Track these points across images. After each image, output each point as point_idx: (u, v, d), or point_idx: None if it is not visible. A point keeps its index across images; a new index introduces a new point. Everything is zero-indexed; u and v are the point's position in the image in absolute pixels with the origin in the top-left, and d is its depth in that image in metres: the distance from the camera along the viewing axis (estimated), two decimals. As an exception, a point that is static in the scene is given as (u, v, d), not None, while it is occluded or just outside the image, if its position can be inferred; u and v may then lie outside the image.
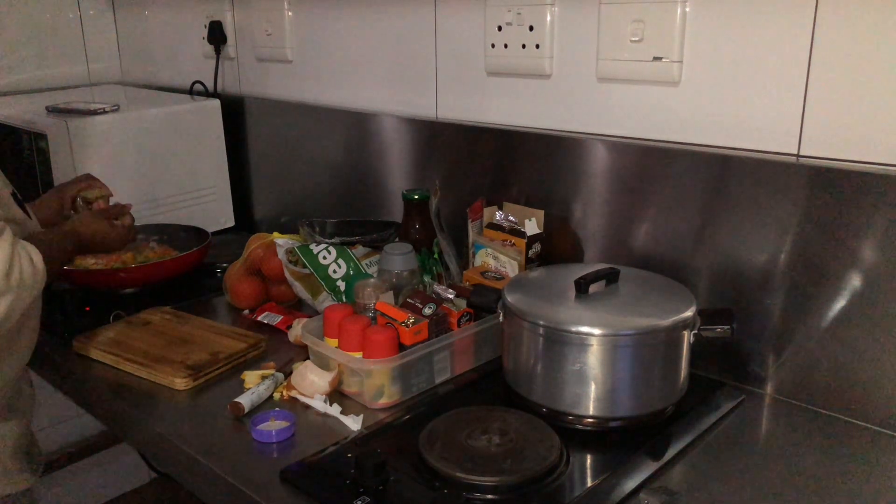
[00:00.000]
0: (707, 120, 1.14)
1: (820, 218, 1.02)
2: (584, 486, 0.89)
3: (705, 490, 0.89)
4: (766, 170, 1.06)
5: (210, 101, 1.84)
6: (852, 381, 1.02)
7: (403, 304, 1.13)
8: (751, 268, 1.09)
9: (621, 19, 1.18)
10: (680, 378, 1.02)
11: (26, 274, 0.99)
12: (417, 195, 1.37)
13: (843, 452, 0.97)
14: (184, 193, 1.79)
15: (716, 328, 1.01)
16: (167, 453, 1.03)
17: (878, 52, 0.97)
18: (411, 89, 1.55)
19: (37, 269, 1.01)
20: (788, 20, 1.03)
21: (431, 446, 0.92)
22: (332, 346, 1.10)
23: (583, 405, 0.98)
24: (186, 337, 1.26)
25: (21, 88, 2.16)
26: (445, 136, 1.47)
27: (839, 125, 1.02)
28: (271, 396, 1.10)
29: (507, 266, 1.26)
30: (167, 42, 2.19)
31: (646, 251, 1.21)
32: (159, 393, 1.13)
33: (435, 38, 1.47)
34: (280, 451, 0.97)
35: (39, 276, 1.02)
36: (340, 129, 1.68)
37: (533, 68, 1.32)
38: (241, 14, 1.91)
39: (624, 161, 1.21)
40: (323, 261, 1.32)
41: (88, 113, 1.64)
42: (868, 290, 0.99)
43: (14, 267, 0.97)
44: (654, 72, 1.17)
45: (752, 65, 1.08)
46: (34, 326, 1.12)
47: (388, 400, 1.07)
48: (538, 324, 0.99)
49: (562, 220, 1.30)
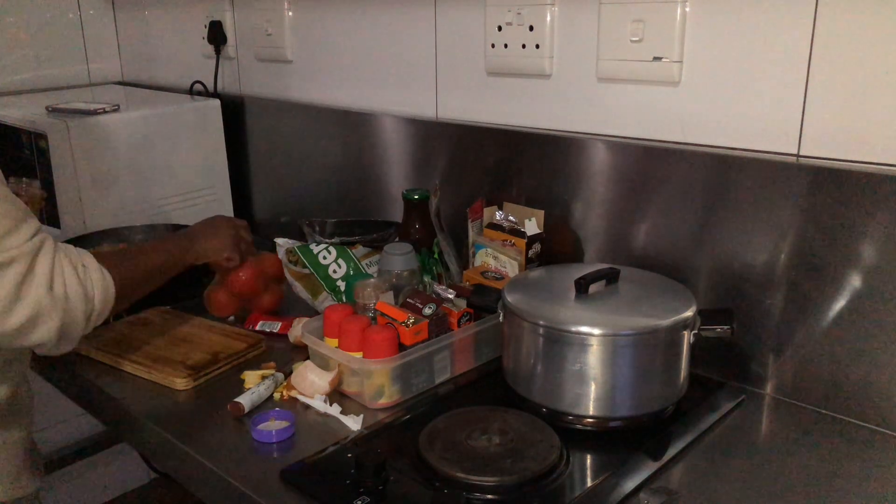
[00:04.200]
0: (707, 120, 1.14)
1: (820, 218, 1.02)
2: (584, 486, 0.89)
3: (705, 490, 0.89)
4: (766, 170, 1.06)
5: (210, 101, 1.84)
6: (852, 381, 1.02)
7: (403, 304, 1.13)
8: (751, 268, 1.09)
9: (621, 19, 1.18)
10: (680, 378, 1.02)
11: (72, 285, 0.94)
12: (417, 195, 1.37)
13: (843, 452, 0.97)
14: (184, 193, 1.79)
15: (716, 328, 1.01)
16: (167, 453, 1.03)
17: (878, 52, 0.97)
18: (411, 89, 1.55)
19: (89, 278, 0.96)
20: (788, 20, 1.03)
21: (431, 446, 0.92)
22: (332, 346, 1.10)
23: (583, 405, 0.98)
24: (186, 337, 1.26)
25: (21, 88, 2.16)
26: (445, 136, 1.47)
27: (839, 125, 1.02)
28: (271, 396, 1.10)
29: (507, 266, 1.27)
30: (167, 42, 2.19)
31: (646, 251, 1.21)
32: (159, 393, 1.13)
33: (435, 38, 1.47)
34: (280, 451, 0.97)
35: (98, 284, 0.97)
36: (340, 129, 1.68)
37: (533, 68, 1.32)
38: (241, 14, 1.91)
39: (624, 161, 1.21)
40: (323, 261, 1.32)
41: (88, 113, 1.64)
42: (868, 290, 0.99)
43: (57, 279, 0.92)
44: (654, 72, 1.17)
45: (752, 65, 1.08)
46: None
47: (388, 400, 1.07)
48: (538, 324, 0.99)
49: (562, 220, 1.30)
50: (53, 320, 0.93)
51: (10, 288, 0.89)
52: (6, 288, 0.89)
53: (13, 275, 0.89)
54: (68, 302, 0.94)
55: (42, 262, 0.92)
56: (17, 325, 0.90)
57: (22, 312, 0.90)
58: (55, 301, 0.92)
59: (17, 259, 0.90)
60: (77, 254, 0.99)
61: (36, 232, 0.94)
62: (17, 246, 0.90)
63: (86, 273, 0.98)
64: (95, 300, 0.98)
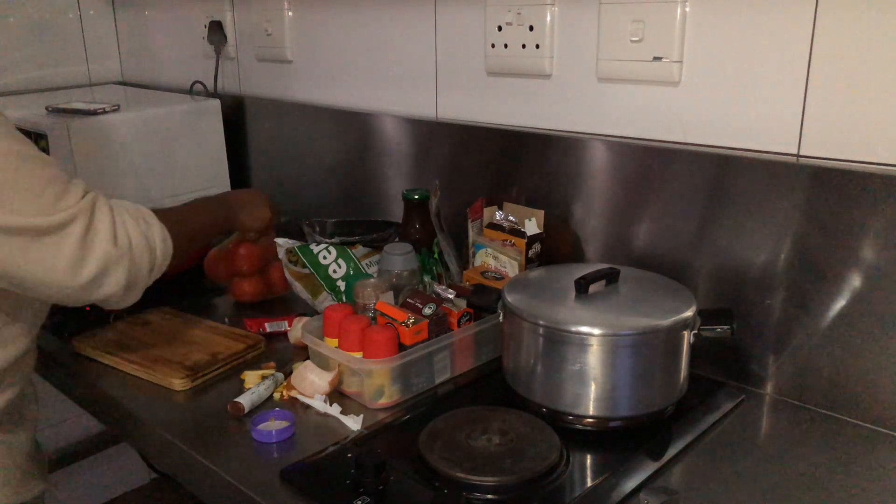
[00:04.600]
0: (707, 120, 1.14)
1: (820, 218, 1.02)
2: (584, 486, 0.89)
3: (705, 490, 0.89)
4: (766, 170, 1.06)
5: (210, 101, 1.84)
6: (852, 381, 1.02)
7: (403, 304, 1.13)
8: (751, 268, 1.09)
9: (621, 19, 1.18)
10: (680, 378, 1.02)
11: (135, 234, 0.98)
12: (417, 195, 1.37)
13: (843, 452, 0.97)
14: (184, 193, 1.79)
15: (716, 328, 1.01)
16: (167, 453, 1.03)
17: (878, 52, 0.97)
18: (411, 89, 1.55)
19: (151, 231, 1.01)
20: (788, 20, 1.03)
21: (431, 446, 0.92)
22: (332, 346, 1.10)
23: (583, 405, 0.98)
24: (186, 337, 1.26)
25: (21, 88, 2.16)
26: (445, 136, 1.47)
27: (839, 125, 1.02)
28: (271, 396, 1.10)
29: (507, 266, 1.27)
30: (167, 42, 2.19)
31: (646, 251, 1.21)
32: (159, 393, 1.13)
33: (435, 38, 1.47)
34: (280, 451, 0.97)
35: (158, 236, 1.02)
36: (340, 129, 1.68)
37: (533, 68, 1.32)
38: (241, 14, 1.91)
39: (624, 161, 1.21)
40: (323, 261, 1.32)
41: (88, 113, 1.64)
42: (868, 290, 0.99)
43: (119, 231, 0.96)
44: (654, 72, 1.17)
45: (752, 65, 1.08)
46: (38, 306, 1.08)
47: (388, 400, 1.07)
48: (538, 324, 0.99)
49: (562, 220, 1.30)
50: (121, 271, 0.96)
51: (75, 245, 0.92)
52: (72, 245, 0.92)
53: (76, 232, 0.92)
54: (133, 252, 0.98)
55: (101, 217, 0.95)
56: (87, 279, 0.94)
57: (90, 267, 0.93)
58: (121, 252, 0.96)
59: (76, 216, 0.92)
60: (135, 208, 1.03)
61: (87, 190, 0.97)
62: (74, 204, 0.92)
63: (148, 227, 1.02)
64: (157, 252, 1.02)
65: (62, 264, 0.91)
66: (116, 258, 0.95)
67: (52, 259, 0.91)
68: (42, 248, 0.90)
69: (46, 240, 0.90)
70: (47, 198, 0.90)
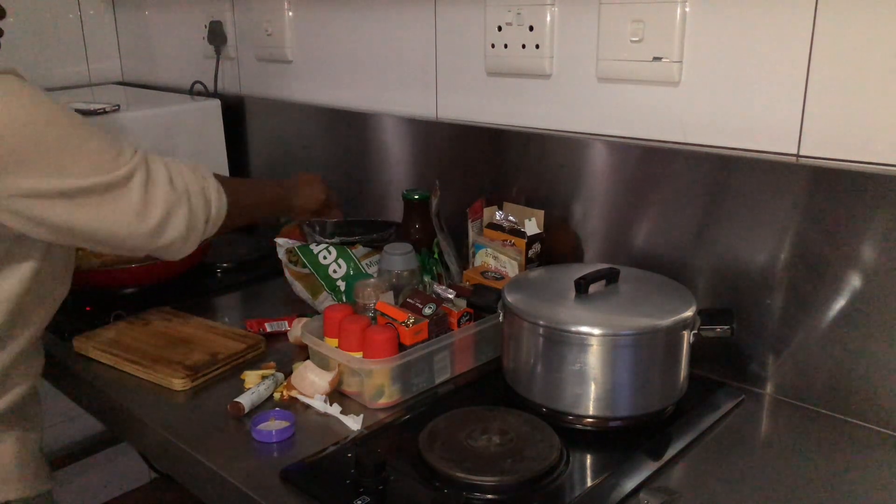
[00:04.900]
0: (707, 120, 1.14)
1: (820, 218, 1.02)
2: (584, 486, 0.89)
3: (705, 490, 0.89)
4: (766, 170, 1.06)
5: (210, 101, 1.84)
6: (852, 381, 1.02)
7: (403, 304, 1.13)
8: (751, 268, 1.09)
9: (621, 19, 1.18)
10: (680, 378, 1.02)
11: (191, 182, 1.04)
12: (417, 195, 1.37)
13: (843, 452, 0.97)
14: (184, 193, 1.79)
15: (716, 328, 1.01)
16: (167, 453, 1.03)
17: (878, 52, 0.97)
18: (411, 89, 1.55)
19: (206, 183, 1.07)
20: (788, 20, 1.03)
21: (431, 446, 0.92)
22: (332, 346, 1.10)
23: (583, 405, 0.98)
24: (186, 337, 1.26)
25: (21, 88, 2.16)
26: (445, 136, 1.47)
27: (839, 125, 1.02)
28: (271, 396, 1.10)
29: (507, 266, 1.27)
30: (167, 42, 2.19)
31: (646, 251, 1.21)
32: (159, 393, 1.13)
33: (435, 38, 1.48)
34: (280, 451, 0.97)
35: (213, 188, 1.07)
36: (340, 129, 1.68)
37: (533, 68, 1.32)
38: (241, 14, 1.91)
39: (624, 161, 1.21)
40: (323, 261, 1.32)
41: (89, 113, 1.64)
42: (868, 290, 0.99)
43: (175, 176, 1.03)
44: (654, 72, 1.17)
45: (752, 65, 1.08)
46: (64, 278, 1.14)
47: (388, 400, 1.07)
48: (538, 324, 0.99)
49: (562, 220, 1.30)
50: (181, 216, 1.02)
51: (139, 194, 0.99)
52: (137, 194, 0.98)
53: (138, 183, 0.99)
54: (190, 194, 1.04)
55: (155, 167, 1.02)
56: (153, 225, 1.00)
57: (155, 213, 1.00)
58: (178, 194, 1.02)
59: (135, 169, 0.99)
60: (194, 164, 1.09)
61: (137, 148, 1.03)
62: (130, 159, 0.99)
63: (203, 179, 1.08)
64: (212, 204, 1.07)
65: (130, 213, 0.98)
66: (175, 201, 1.02)
67: (121, 211, 0.98)
68: (111, 202, 0.97)
69: (114, 194, 0.97)
70: (107, 157, 0.97)
